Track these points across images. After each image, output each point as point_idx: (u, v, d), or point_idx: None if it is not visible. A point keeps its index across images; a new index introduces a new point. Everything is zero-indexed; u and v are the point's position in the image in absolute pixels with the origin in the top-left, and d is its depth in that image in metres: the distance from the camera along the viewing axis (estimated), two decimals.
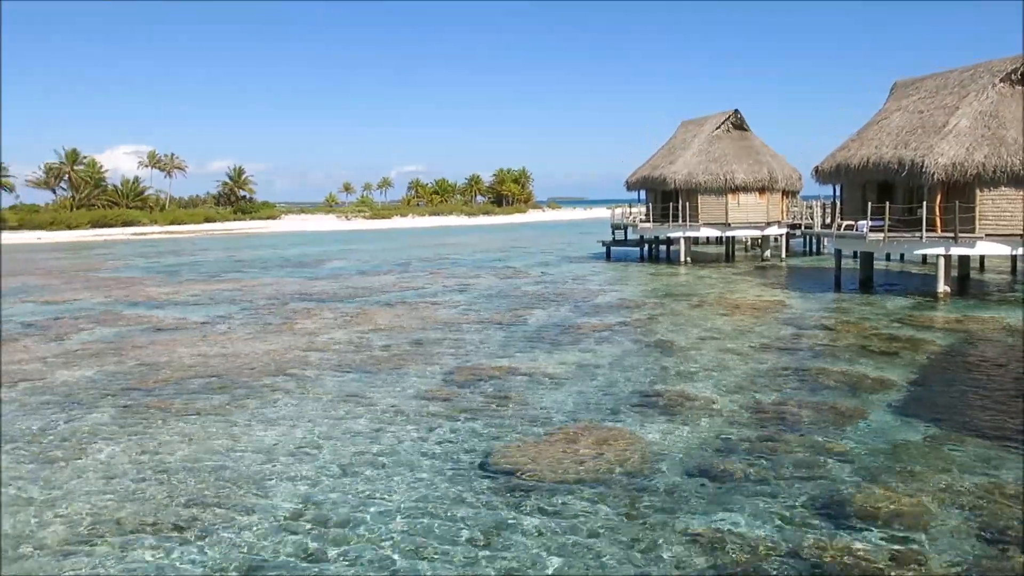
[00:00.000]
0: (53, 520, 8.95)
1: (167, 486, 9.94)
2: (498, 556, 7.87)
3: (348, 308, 26.17)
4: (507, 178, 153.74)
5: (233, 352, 18.62)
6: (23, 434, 12.29)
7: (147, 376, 16.14)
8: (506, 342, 19.32)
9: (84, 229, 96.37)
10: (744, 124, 43.30)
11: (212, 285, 35.21)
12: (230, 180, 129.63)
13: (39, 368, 17.19)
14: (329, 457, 10.96)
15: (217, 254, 58.50)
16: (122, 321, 24.16)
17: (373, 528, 8.58)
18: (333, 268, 43.70)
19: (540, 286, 32.03)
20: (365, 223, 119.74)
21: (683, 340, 19.14)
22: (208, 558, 7.95)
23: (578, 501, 9.20)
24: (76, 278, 40.05)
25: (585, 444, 11.18)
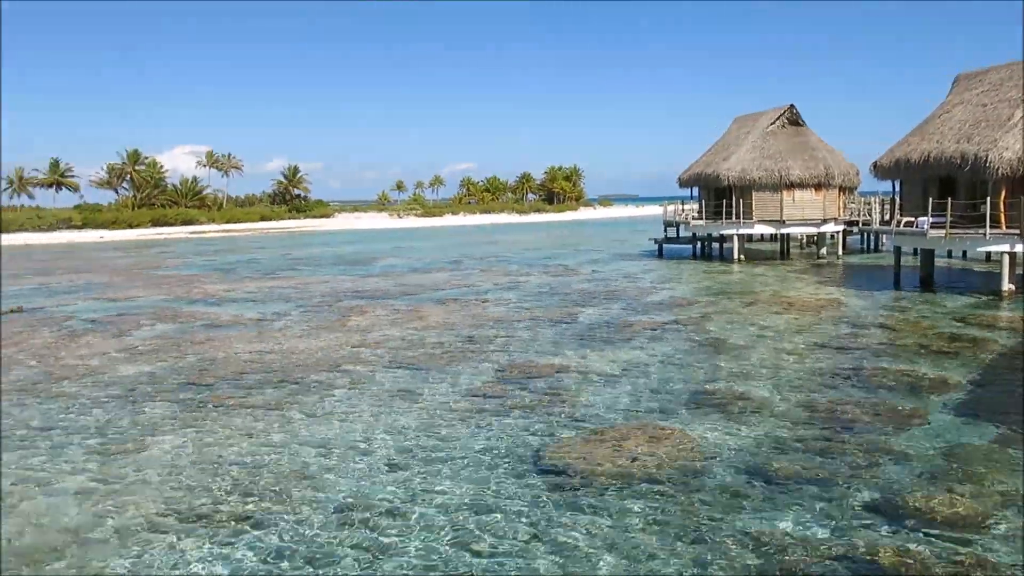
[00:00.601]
0: (115, 511, 9.22)
1: (225, 479, 10.17)
2: (549, 554, 7.88)
3: (400, 305, 26.43)
4: (558, 175, 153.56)
5: (288, 348, 18.95)
6: (88, 427, 12.69)
7: (205, 371, 16.52)
8: (557, 339, 19.31)
9: (145, 228, 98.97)
10: (800, 119, 42.55)
11: (268, 282, 35.86)
12: (285, 179, 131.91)
13: (103, 363, 17.71)
14: (382, 453, 11.09)
15: (272, 252, 59.56)
16: (181, 318, 24.76)
17: (425, 524, 8.66)
18: (385, 266, 44.16)
19: (591, 284, 31.95)
20: (417, 221, 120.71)
21: (736, 338, 18.91)
22: (264, 550, 8.12)
23: (629, 499, 9.16)
24: (137, 276, 41.16)
25: (637, 442, 11.13)
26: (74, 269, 46.87)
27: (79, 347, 19.91)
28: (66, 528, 8.77)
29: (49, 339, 21.27)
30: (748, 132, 42.99)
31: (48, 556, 8.07)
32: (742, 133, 43.75)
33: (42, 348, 19.86)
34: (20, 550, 8.23)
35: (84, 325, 23.73)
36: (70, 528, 8.77)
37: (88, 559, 8.00)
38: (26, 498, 9.66)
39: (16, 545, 8.36)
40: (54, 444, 11.80)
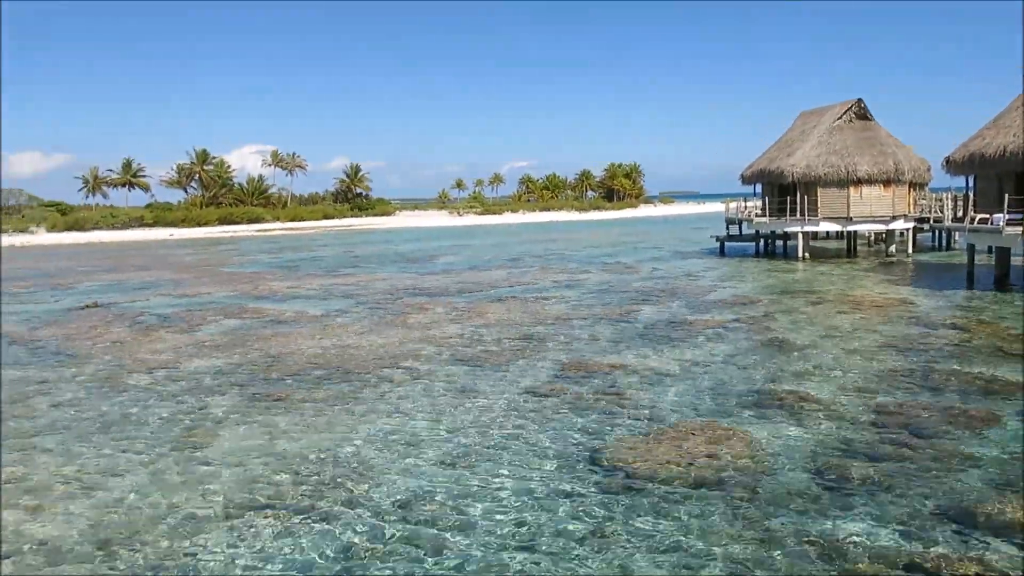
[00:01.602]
0: (183, 501, 9.50)
1: (288, 472, 10.38)
2: (607, 553, 7.85)
3: (460, 303, 26.60)
4: (618, 173, 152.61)
5: (350, 344, 19.23)
6: (159, 419, 13.08)
7: (270, 366, 16.88)
8: (616, 338, 19.20)
9: (212, 226, 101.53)
10: (867, 114, 41.46)
11: (330, 280, 36.45)
12: (347, 177, 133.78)
13: (173, 357, 18.23)
14: (441, 449, 11.18)
15: (335, 250, 60.51)
16: (247, 314, 25.34)
17: (482, 520, 8.71)
18: (445, 263, 44.49)
19: (651, 282, 31.68)
20: (476, 219, 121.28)
21: (800, 338, 18.54)
22: (326, 542, 8.27)
23: (689, 500, 9.07)
24: (205, 273, 42.25)
25: (697, 442, 11.00)
26: (145, 266, 48.35)
27: (151, 341, 20.53)
28: (138, 517, 9.05)
29: (122, 334, 21.99)
30: (814, 127, 42.07)
31: (120, 543, 8.35)
32: (807, 128, 42.83)
33: (116, 342, 20.54)
34: (94, 537, 8.53)
35: (155, 320, 24.46)
36: (142, 517, 9.06)
37: (157, 547, 8.25)
38: (100, 487, 10.01)
39: (90, 533, 8.66)
40: (127, 435, 12.20)
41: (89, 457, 11.21)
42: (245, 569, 7.75)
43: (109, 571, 7.77)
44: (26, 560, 8.03)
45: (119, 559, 8.02)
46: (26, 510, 9.34)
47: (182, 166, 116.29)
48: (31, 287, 36.53)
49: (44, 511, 9.30)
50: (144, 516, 9.08)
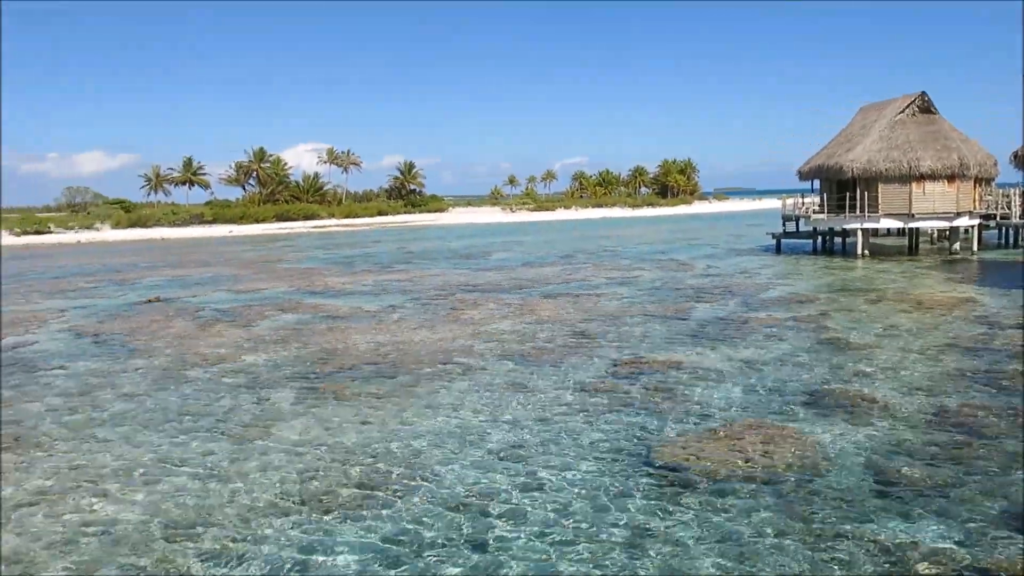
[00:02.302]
0: (241, 492, 9.72)
1: (343, 465, 10.55)
2: (659, 552, 7.81)
3: (512, 299, 26.66)
4: (672, 169, 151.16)
5: (403, 340, 19.43)
6: (217, 411, 13.40)
7: (325, 361, 17.14)
8: (669, 335, 19.05)
9: (270, 222, 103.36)
10: (932, 107, 40.36)
11: (384, 275, 36.85)
12: (401, 174, 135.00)
13: (231, 352, 18.64)
14: (493, 445, 11.24)
15: (389, 246, 61.13)
16: (303, 309, 25.76)
17: (533, 516, 8.74)
18: (498, 260, 44.61)
19: (705, 279, 31.34)
20: (529, 215, 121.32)
21: (859, 337, 18.16)
22: (378, 535, 8.39)
23: (743, 500, 8.97)
24: (263, 268, 43.07)
25: (751, 442, 10.87)
26: (205, 262, 49.48)
27: (210, 335, 21.01)
28: (197, 506, 9.30)
29: (183, 328, 22.55)
30: (875, 121, 41.10)
31: (180, 531, 8.58)
32: (868, 122, 41.87)
33: (177, 336, 21.08)
34: (156, 525, 8.78)
35: (214, 315, 25.02)
36: (201, 506, 9.30)
37: (216, 536, 8.46)
38: (162, 476, 10.30)
39: (152, 520, 8.92)
40: (188, 426, 12.53)
41: (152, 447, 11.54)
42: (300, 559, 7.90)
43: (170, 558, 7.99)
44: (92, 545, 8.31)
45: (179, 546, 8.25)
46: (93, 496, 9.66)
47: (240, 164, 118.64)
48: (97, 282, 37.67)
49: (109, 498, 9.61)
50: (203, 505, 9.32)
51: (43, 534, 8.64)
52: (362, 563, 7.79)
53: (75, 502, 9.54)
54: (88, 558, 8.05)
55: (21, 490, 9.97)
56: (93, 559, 8.03)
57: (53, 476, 10.46)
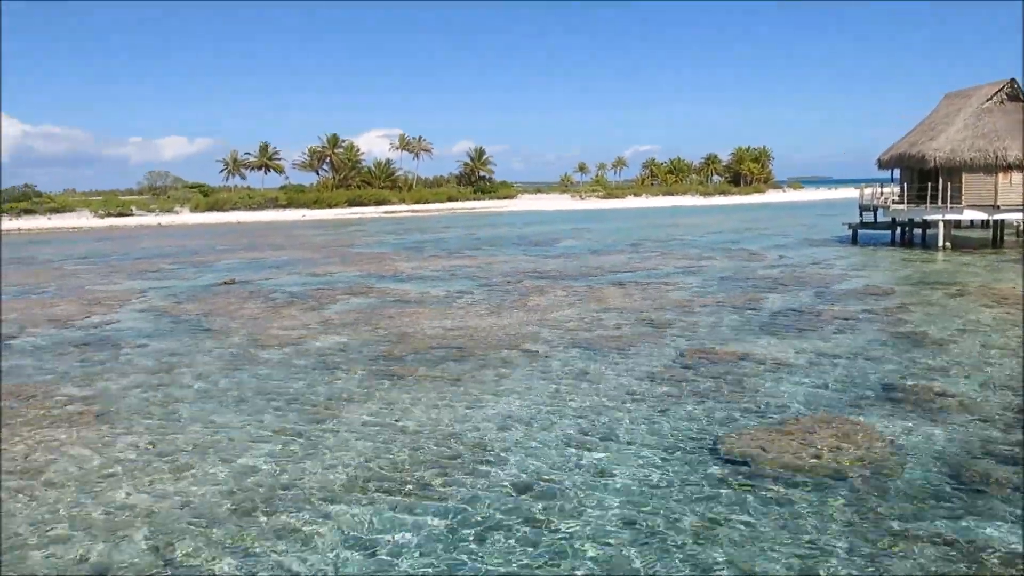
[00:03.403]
0: (311, 472, 9.94)
1: (410, 448, 10.70)
2: (723, 544, 7.71)
3: (579, 286, 26.58)
4: (746, 157, 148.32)
5: (471, 325, 19.56)
6: (289, 392, 13.72)
7: (394, 345, 17.38)
8: (739, 326, 18.74)
9: (342, 207, 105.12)
10: (1021, 95, 38.56)
11: (453, 261, 37.13)
12: (471, 161, 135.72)
13: (303, 334, 19.05)
14: (559, 432, 11.24)
15: (458, 232, 61.55)
16: (373, 293, 26.15)
17: (597, 504, 8.72)
18: (566, 247, 44.50)
19: (777, 270, 30.69)
20: (598, 203, 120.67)
21: (937, 332, 17.56)
22: (444, 517, 8.49)
23: (812, 495, 8.78)
24: (334, 253, 43.85)
25: (822, 436, 10.63)
26: (279, 245, 50.62)
27: (282, 318, 21.51)
28: (270, 483, 9.55)
29: (257, 310, 23.13)
30: (959, 109, 39.50)
31: (252, 508, 8.83)
32: (952, 111, 40.26)
33: (251, 318, 21.64)
34: (229, 501, 9.06)
35: (287, 297, 25.60)
36: (274, 483, 9.55)
37: (286, 514, 8.68)
38: (235, 454, 10.60)
39: (226, 497, 9.20)
40: (260, 407, 12.86)
41: (227, 425, 11.88)
42: (368, 537, 8.05)
43: (243, 532, 8.23)
44: (170, 519, 8.61)
45: (252, 521, 8.49)
46: (171, 472, 10.01)
47: (314, 149, 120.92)
48: (175, 264, 38.92)
49: (186, 473, 9.94)
50: (276, 483, 9.57)
51: (124, 506, 8.99)
52: (428, 543, 7.89)
53: (154, 476, 9.90)
54: (166, 529, 8.36)
55: (104, 463, 10.39)
56: (171, 530, 8.33)
57: (134, 450, 10.87)
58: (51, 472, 10.10)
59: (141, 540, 8.14)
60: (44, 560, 7.73)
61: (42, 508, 8.97)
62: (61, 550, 7.92)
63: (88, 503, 9.12)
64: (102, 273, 35.28)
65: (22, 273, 36.38)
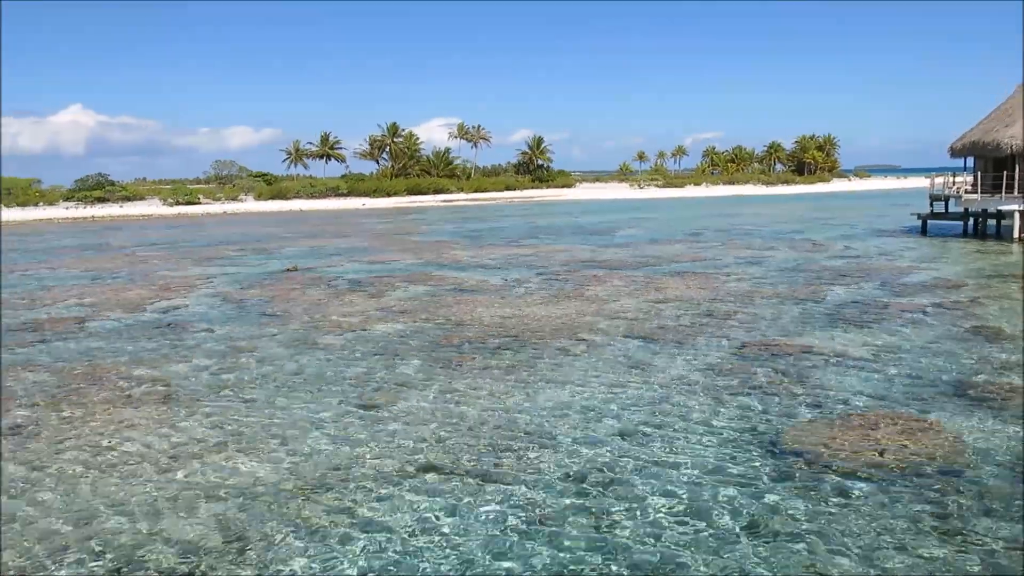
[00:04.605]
0: (369, 456, 10.08)
1: (466, 434, 10.76)
2: (781, 540, 7.58)
3: (638, 276, 26.36)
4: (810, 145, 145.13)
5: (528, 314, 19.56)
6: (349, 378, 13.91)
7: (452, 333, 17.48)
8: (802, 318, 18.36)
9: (401, 196, 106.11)
10: None
11: (510, 250, 37.17)
12: (529, 149, 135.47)
13: (362, 320, 19.30)
14: (615, 421, 11.18)
15: (515, 220, 61.59)
16: (431, 281, 26.35)
17: (653, 496, 8.65)
18: (624, 236, 44.18)
19: (842, 261, 29.98)
20: (657, 192, 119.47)
21: (1011, 327, 16.94)
22: (498, 504, 8.52)
23: (875, 493, 8.57)
24: (394, 241, 44.30)
25: (886, 432, 10.36)
26: (340, 233, 51.34)
27: (343, 304, 21.83)
28: (331, 467, 9.71)
29: (318, 296, 23.51)
30: None
31: (311, 491, 8.99)
32: None
33: (312, 304, 22.00)
34: (290, 483, 9.24)
35: (347, 285, 25.96)
36: (334, 467, 9.71)
37: (344, 498, 8.82)
38: (296, 438, 10.80)
39: (287, 479, 9.39)
40: (321, 391, 13.08)
41: (289, 409, 12.12)
42: (424, 522, 8.13)
43: (304, 514, 8.40)
44: (232, 498, 8.82)
45: (313, 504, 8.65)
46: (235, 452, 10.26)
47: (374, 139, 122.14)
48: (240, 251, 39.79)
49: (249, 455, 10.17)
50: (336, 466, 9.73)
51: (188, 486, 9.24)
52: (482, 529, 7.93)
53: (219, 455, 10.15)
54: (228, 510, 8.57)
55: (170, 443, 10.69)
56: (232, 511, 8.53)
57: (199, 431, 11.16)
58: (121, 450, 10.44)
59: (207, 516, 8.37)
60: (113, 533, 7.99)
61: (111, 484, 9.27)
62: (128, 524, 8.18)
63: (155, 480, 9.40)
64: (171, 259, 36.27)
65: (97, 259, 37.62)
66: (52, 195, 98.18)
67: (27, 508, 8.72)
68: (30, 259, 38.38)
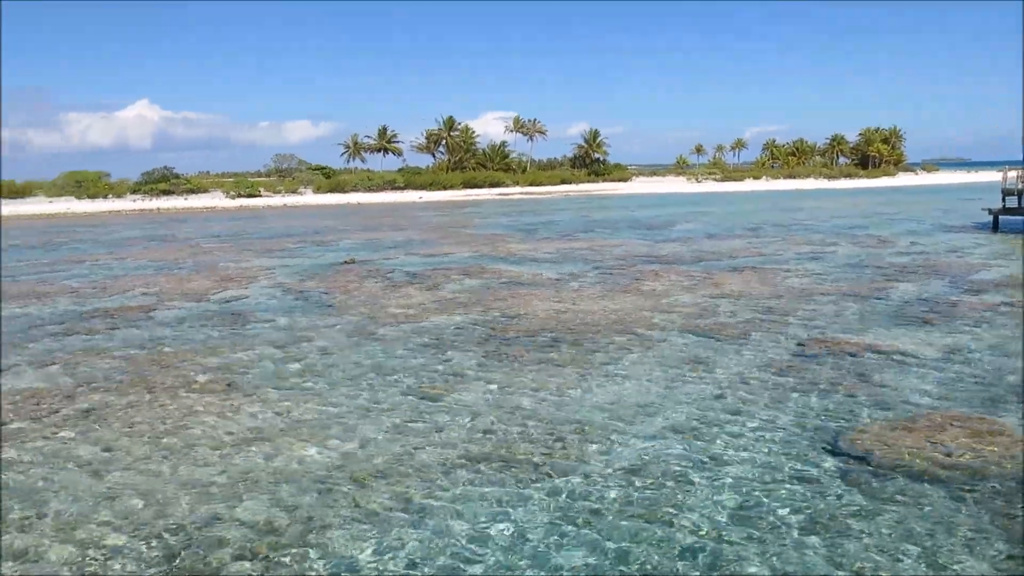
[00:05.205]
0: (425, 447, 10.16)
1: (520, 429, 10.77)
2: (839, 544, 7.42)
3: (695, 271, 26.06)
4: (874, 138, 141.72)
5: (583, 308, 19.49)
6: (404, 369, 14.04)
7: (506, 326, 17.52)
8: (864, 316, 17.93)
9: (457, 189, 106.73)
10: None
11: (565, 243, 37.08)
12: (585, 143, 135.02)
13: (418, 312, 19.46)
14: (669, 418, 11.08)
15: (571, 214, 61.43)
16: (486, 274, 26.44)
17: (707, 495, 8.55)
18: (681, 231, 43.71)
19: (907, 257, 29.18)
20: (715, 186, 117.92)
21: None
22: (550, 498, 8.51)
23: (940, 499, 8.33)
24: (449, 234, 44.56)
25: (954, 435, 10.06)
26: (396, 226, 51.84)
27: (399, 296, 22.04)
28: (386, 456, 9.82)
29: (375, 288, 23.79)
30: None
31: (367, 480, 9.10)
32: None
33: (369, 296, 22.27)
34: (346, 471, 9.37)
35: (403, 277, 26.21)
36: (390, 456, 9.81)
37: (398, 486, 8.91)
38: (353, 427, 10.95)
39: (343, 466, 9.52)
40: (378, 382, 13.23)
41: (346, 399, 12.29)
42: (474, 514, 8.16)
43: (360, 502, 8.51)
44: (283, 489, 8.98)
45: (368, 493, 8.75)
46: (296, 438, 10.44)
47: (431, 132, 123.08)
48: (300, 243, 40.46)
49: (307, 444, 10.34)
50: (391, 455, 9.83)
51: (250, 470, 9.44)
52: (536, 521, 7.93)
53: (278, 442, 10.34)
54: (289, 492, 8.74)
55: (232, 431, 10.93)
56: (293, 493, 8.70)
57: (259, 418, 11.39)
58: (184, 435, 10.71)
59: (269, 500, 8.55)
60: (180, 513, 8.21)
61: (178, 466, 9.52)
62: (194, 505, 8.39)
63: (218, 463, 9.63)
64: (233, 251, 37.07)
65: (162, 250, 38.67)
66: (120, 188, 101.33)
67: (100, 487, 9.01)
68: (100, 250, 39.66)
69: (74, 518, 8.31)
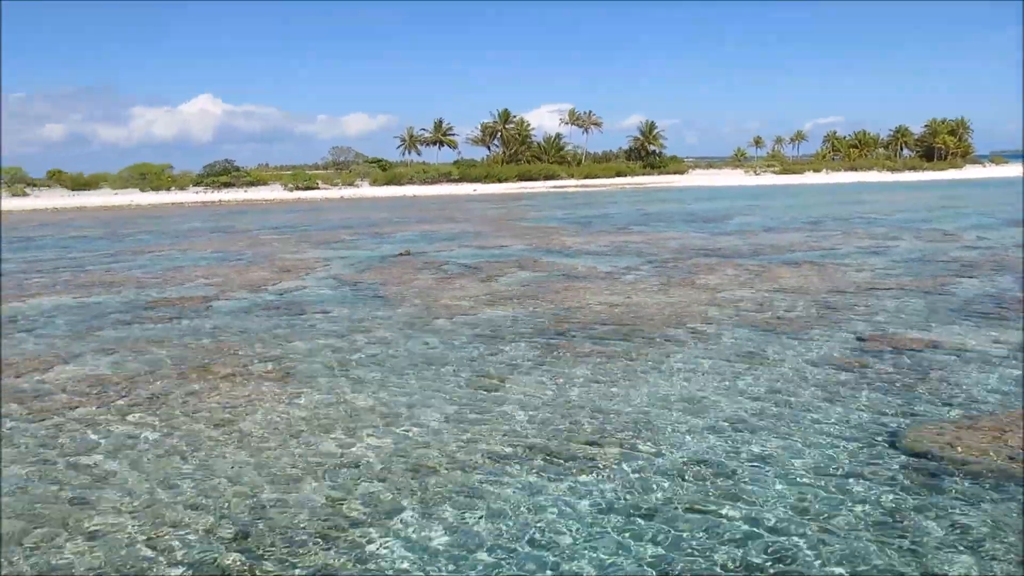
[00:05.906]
0: (476, 439, 10.22)
1: (572, 422, 10.77)
2: (900, 542, 7.26)
3: (752, 265, 25.69)
4: (941, 129, 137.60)
5: (637, 302, 19.38)
6: (459, 361, 14.15)
7: (560, 319, 17.51)
8: (928, 312, 17.48)
9: (511, 182, 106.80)
10: None
11: (620, 236, 36.87)
12: (641, 135, 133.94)
13: (472, 304, 19.57)
14: (724, 413, 10.96)
15: (626, 207, 61.02)
16: (540, 267, 26.44)
17: (761, 492, 8.44)
18: (738, 224, 43.11)
19: (974, 252, 28.32)
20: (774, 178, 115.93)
21: None
22: (600, 493, 8.49)
23: (1004, 499, 8.10)
24: (504, 226, 44.65)
25: (1020, 436, 9.75)
26: (451, 218, 52.14)
27: (453, 288, 22.19)
28: (437, 447, 9.92)
29: (429, 280, 23.98)
30: None
31: (421, 470, 9.21)
32: None
33: (424, 288, 22.46)
34: (401, 463, 9.49)
35: (458, 269, 26.37)
36: (440, 446, 9.91)
37: (453, 478, 8.99)
38: (406, 419, 11.07)
39: (398, 458, 9.65)
40: (430, 374, 13.36)
41: (399, 389, 12.43)
42: (525, 506, 8.20)
43: (409, 491, 8.61)
44: (342, 476, 9.14)
45: (416, 482, 8.86)
46: (345, 432, 10.61)
47: (486, 125, 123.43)
48: (356, 235, 41.00)
49: (359, 433, 10.50)
50: (443, 448, 9.93)
51: (307, 458, 9.63)
52: (580, 518, 7.93)
53: (335, 433, 10.52)
54: (342, 482, 8.89)
55: (289, 419, 11.15)
56: (349, 484, 8.84)
57: (315, 408, 11.60)
58: (240, 424, 10.97)
59: (326, 488, 8.71)
60: (237, 497, 8.42)
61: (237, 453, 9.76)
62: (251, 491, 8.60)
63: (276, 451, 9.84)
64: (291, 242, 37.73)
65: (222, 241, 39.56)
66: (183, 180, 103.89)
67: (166, 468, 9.29)
68: (163, 240, 40.75)
69: (146, 497, 8.59)
